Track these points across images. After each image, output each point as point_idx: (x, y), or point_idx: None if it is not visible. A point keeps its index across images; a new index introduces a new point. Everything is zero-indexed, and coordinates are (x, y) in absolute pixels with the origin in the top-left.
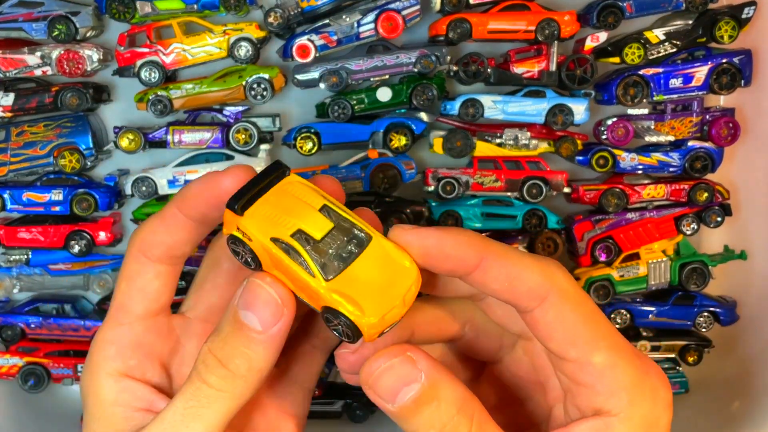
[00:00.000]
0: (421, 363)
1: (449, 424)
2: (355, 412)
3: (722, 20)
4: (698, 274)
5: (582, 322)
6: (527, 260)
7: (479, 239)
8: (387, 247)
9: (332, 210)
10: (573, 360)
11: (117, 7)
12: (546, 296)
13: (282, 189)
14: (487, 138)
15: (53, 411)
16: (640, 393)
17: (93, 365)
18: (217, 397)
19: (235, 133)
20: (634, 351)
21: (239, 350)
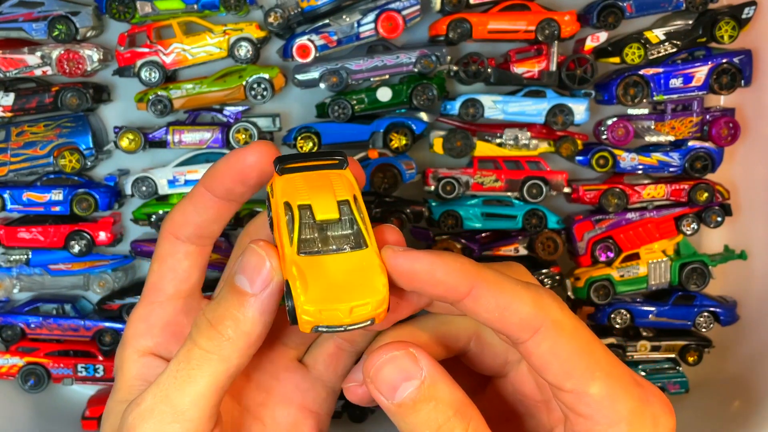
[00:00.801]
0: (423, 361)
1: (445, 426)
2: (355, 412)
3: (722, 20)
4: (698, 274)
5: (577, 353)
6: (519, 290)
7: (471, 266)
8: (372, 263)
9: (350, 207)
10: (570, 391)
11: (117, 7)
12: (539, 328)
13: (326, 173)
14: (487, 138)
15: (53, 411)
16: (639, 422)
17: (124, 340)
18: (207, 359)
19: (235, 133)
20: (633, 379)
21: (229, 312)
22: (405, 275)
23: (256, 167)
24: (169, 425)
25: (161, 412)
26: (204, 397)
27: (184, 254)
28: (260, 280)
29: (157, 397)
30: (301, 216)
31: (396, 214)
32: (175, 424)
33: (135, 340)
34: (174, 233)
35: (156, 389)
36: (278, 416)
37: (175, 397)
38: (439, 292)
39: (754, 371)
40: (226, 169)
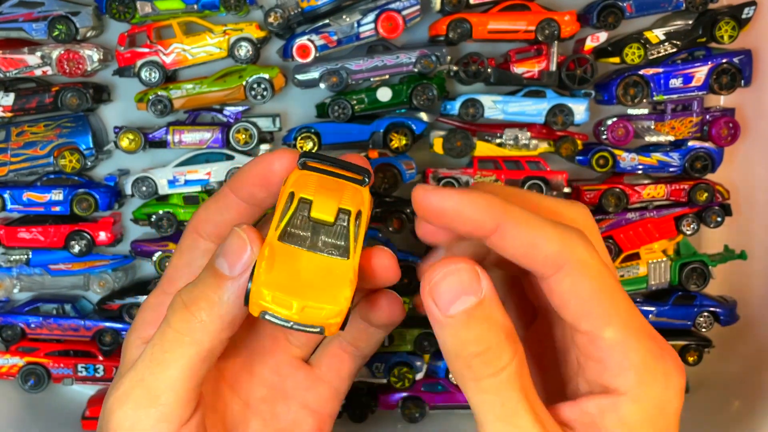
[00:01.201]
0: (484, 281)
1: (495, 348)
2: (355, 412)
3: (722, 20)
4: (698, 274)
5: (597, 294)
6: (546, 227)
7: (499, 203)
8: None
9: (349, 219)
10: (584, 332)
11: (117, 7)
12: (563, 265)
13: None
14: (487, 138)
15: (53, 411)
16: (650, 375)
17: (132, 326)
18: (179, 342)
19: (235, 133)
20: (650, 332)
21: (204, 294)
22: (435, 212)
23: (280, 174)
24: (145, 410)
25: (137, 396)
26: (178, 381)
27: (203, 251)
28: (240, 264)
29: (134, 381)
30: (298, 208)
31: (396, 214)
32: (150, 408)
33: (141, 327)
34: (196, 229)
35: (133, 373)
36: (279, 412)
37: (151, 381)
38: (467, 229)
39: (754, 371)
40: (251, 173)
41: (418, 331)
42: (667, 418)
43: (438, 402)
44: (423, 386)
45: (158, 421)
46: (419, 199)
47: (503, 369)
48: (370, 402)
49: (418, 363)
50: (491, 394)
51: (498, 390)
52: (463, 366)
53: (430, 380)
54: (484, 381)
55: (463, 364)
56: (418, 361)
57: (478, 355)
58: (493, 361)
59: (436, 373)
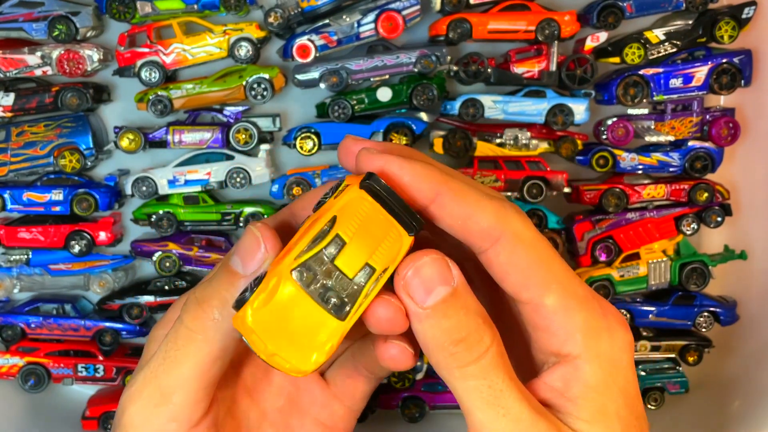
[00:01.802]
0: (454, 270)
1: (476, 332)
2: None
3: (722, 20)
4: (698, 274)
5: (534, 264)
6: (483, 201)
7: (438, 174)
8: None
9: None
10: (527, 302)
11: (117, 7)
12: (498, 238)
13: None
14: (487, 138)
15: (53, 411)
16: (594, 334)
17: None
18: (191, 339)
19: (235, 133)
20: (589, 293)
21: (217, 291)
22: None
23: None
24: (156, 408)
25: (149, 394)
26: (190, 381)
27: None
28: (254, 263)
29: (147, 378)
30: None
31: None
32: (162, 407)
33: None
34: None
35: (147, 370)
36: (293, 425)
37: (163, 379)
38: (405, 195)
39: (754, 371)
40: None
41: None
42: (622, 372)
43: (438, 402)
44: (423, 386)
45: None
46: (362, 162)
47: (486, 352)
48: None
49: (419, 363)
50: (477, 378)
51: (484, 373)
52: (446, 356)
53: (430, 380)
54: (469, 367)
55: (446, 353)
56: (418, 361)
57: (460, 341)
58: (475, 345)
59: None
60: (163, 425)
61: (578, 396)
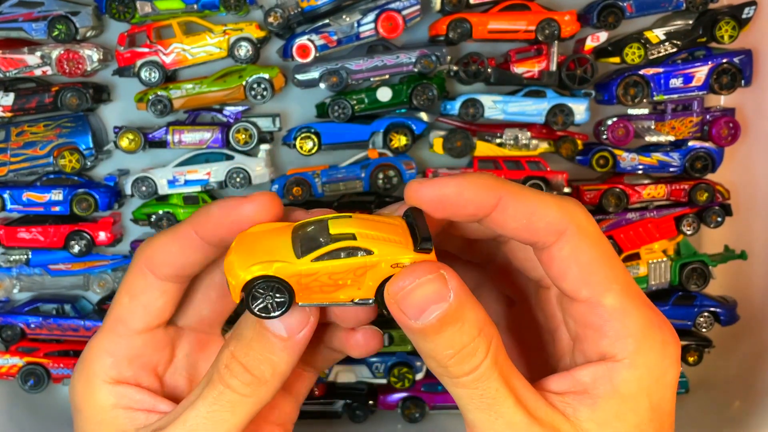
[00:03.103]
0: (452, 282)
1: (470, 346)
2: (355, 412)
3: (722, 20)
4: (698, 274)
5: (597, 261)
6: (544, 197)
7: (495, 180)
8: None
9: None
10: (584, 300)
11: (117, 7)
12: (564, 231)
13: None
14: (488, 138)
15: (53, 411)
16: (648, 343)
17: (88, 373)
18: (241, 402)
19: (235, 133)
20: (647, 301)
21: (264, 356)
22: (435, 203)
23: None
24: None
25: None
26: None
27: (161, 292)
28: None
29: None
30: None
31: None
32: None
33: (102, 372)
34: (152, 269)
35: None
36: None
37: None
38: (468, 212)
39: (754, 371)
40: (222, 218)
41: None
42: (664, 388)
43: (438, 402)
44: (423, 386)
45: None
46: (416, 193)
47: (479, 365)
48: (370, 402)
49: (418, 363)
50: (469, 388)
51: (476, 384)
52: (438, 366)
53: (430, 380)
54: (462, 378)
55: (439, 365)
56: (418, 361)
57: (453, 356)
58: (468, 359)
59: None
60: None
61: (601, 396)
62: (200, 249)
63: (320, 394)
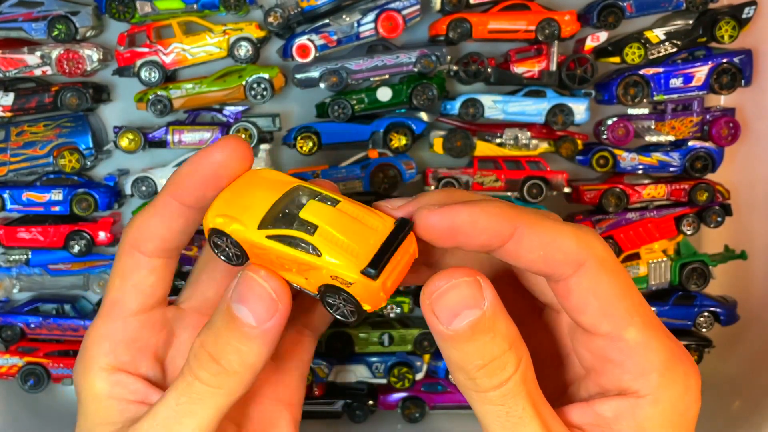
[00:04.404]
0: (487, 291)
1: (499, 359)
2: (355, 412)
3: (722, 20)
4: (698, 274)
5: (618, 293)
6: (561, 227)
7: (510, 208)
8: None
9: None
10: (604, 334)
11: (117, 6)
12: (583, 263)
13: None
14: (487, 138)
15: (53, 411)
16: (671, 376)
17: (86, 360)
18: (210, 394)
19: (235, 133)
20: (667, 332)
21: (232, 345)
22: (446, 231)
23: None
24: None
25: None
26: (204, 429)
27: (149, 270)
28: (265, 312)
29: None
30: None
31: None
32: None
33: (99, 358)
34: (137, 247)
35: (153, 421)
36: (252, 414)
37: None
38: (482, 242)
39: (754, 371)
40: (193, 174)
41: (418, 331)
42: (687, 423)
43: (438, 402)
44: (423, 386)
45: None
46: (426, 223)
47: (507, 380)
48: (370, 402)
49: (418, 363)
50: (496, 404)
51: (503, 400)
52: (466, 378)
53: (430, 380)
54: (489, 393)
55: (467, 377)
56: (418, 361)
57: (482, 367)
58: (497, 372)
59: (436, 373)
60: None
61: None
62: (181, 215)
63: (320, 394)
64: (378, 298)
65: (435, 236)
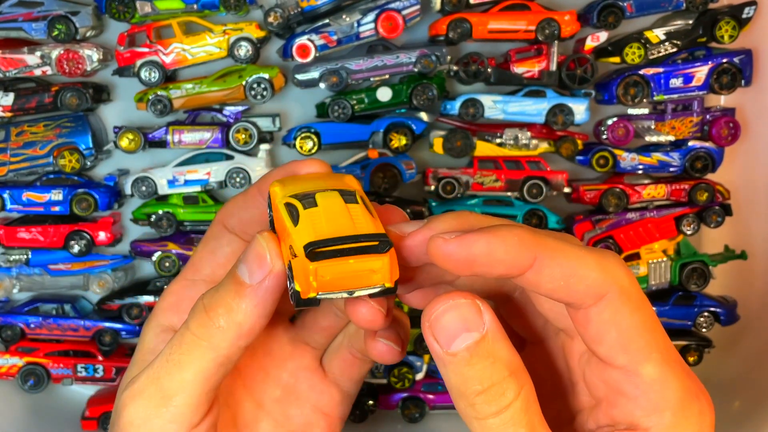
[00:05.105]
0: (486, 315)
1: (498, 386)
2: (354, 412)
3: (722, 20)
4: (699, 274)
5: (638, 327)
6: (584, 254)
7: (530, 235)
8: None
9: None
10: (620, 367)
11: (117, 6)
12: (605, 294)
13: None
14: (488, 138)
15: (53, 411)
16: (685, 416)
17: (153, 312)
18: (196, 345)
19: (235, 133)
20: (686, 370)
21: (224, 300)
22: (463, 262)
23: None
24: (157, 408)
25: (150, 394)
26: (192, 384)
27: (227, 241)
28: (260, 272)
29: (150, 378)
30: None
31: None
32: (162, 408)
33: (162, 313)
34: (222, 220)
35: (150, 370)
36: (292, 414)
37: (165, 381)
38: (500, 272)
39: (754, 371)
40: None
41: (417, 331)
42: None
43: (438, 402)
44: (423, 386)
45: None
46: (440, 252)
47: (507, 407)
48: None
49: (418, 363)
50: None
51: (503, 427)
52: (466, 405)
53: (430, 380)
54: (488, 420)
55: (467, 402)
56: (418, 361)
57: (481, 393)
58: (497, 399)
59: (436, 373)
60: (163, 426)
61: None
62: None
63: None
64: (307, 283)
65: (452, 266)
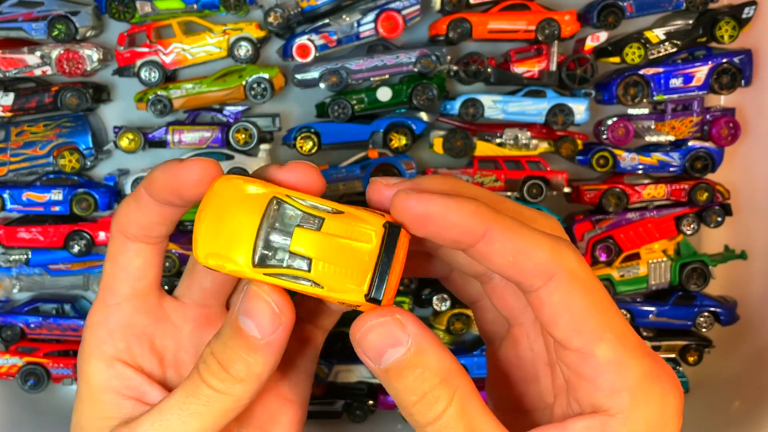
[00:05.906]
0: (410, 327)
1: (430, 394)
2: (354, 412)
3: (722, 20)
4: (698, 274)
5: (589, 308)
6: (536, 235)
7: (486, 209)
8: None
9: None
10: (576, 350)
11: (117, 6)
12: (553, 275)
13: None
14: (487, 138)
15: (53, 411)
16: (645, 396)
17: (85, 348)
18: (217, 398)
19: (235, 133)
20: (645, 349)
21: (239, 355)
22: (418, 218)
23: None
24: None
25: None
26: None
27: (135, 252)
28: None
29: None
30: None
31: None
32: None
33: (98, 347)
34: (122, 231)
35: (157, 417)
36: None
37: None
38: (452, 236)
39: (754, 371)
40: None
41: None
42: None
43: None
44: None
45: None
46: (401, 204)
47: (441, 414)
48: (370, 402)
49: None
50: None
51: None
52: (407, 415)
53: None
54: (427, 429)
55: (407, 413)
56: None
57: (416, 403)
58: (431, 407)
59: None
60: None
61: None
62: (154, 208)
63: (320, 394)
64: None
65: (407, 220)
